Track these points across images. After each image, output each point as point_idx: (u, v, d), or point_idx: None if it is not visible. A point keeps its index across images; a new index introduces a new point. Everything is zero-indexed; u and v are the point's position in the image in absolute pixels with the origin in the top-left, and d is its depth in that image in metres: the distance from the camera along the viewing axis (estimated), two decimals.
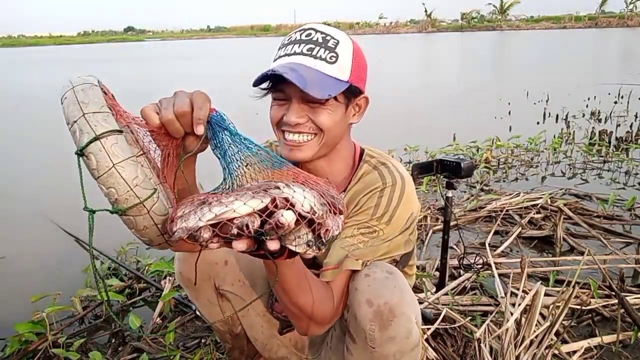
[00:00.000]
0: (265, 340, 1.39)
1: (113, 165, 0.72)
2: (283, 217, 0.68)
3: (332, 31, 1.08)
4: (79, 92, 0.76)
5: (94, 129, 0.73)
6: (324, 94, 1.01)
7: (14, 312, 2.16)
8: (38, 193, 4.17)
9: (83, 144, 0.73)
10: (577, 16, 73.54)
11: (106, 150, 0.73)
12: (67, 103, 0.75)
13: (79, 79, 0.79)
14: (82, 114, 0.73)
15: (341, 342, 1.15)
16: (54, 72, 20.41)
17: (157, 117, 0.82)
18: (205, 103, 0.82)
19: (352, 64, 1.08)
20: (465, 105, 8.22)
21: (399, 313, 0.99)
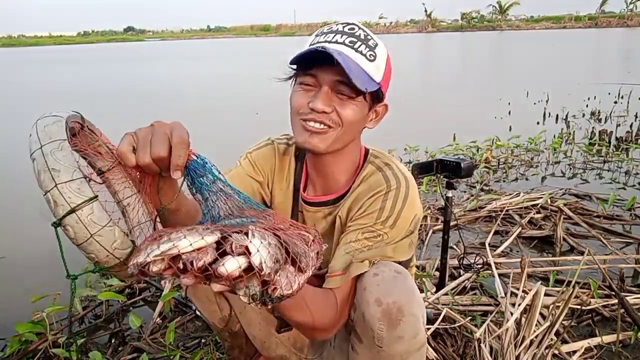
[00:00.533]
0: (264, 338, 1.38)
1: (91, 235, 0.75)
2: (223, 267, 0.67)
3: (372, 33, 1.10)
4: (47, 154, 0.74)
5: (69, 202, 0.73)
6: (363, 85, 1.01)
7: (14, 312, 2.16)
8: (38, 193, 4.16)
9: (59, 216, 0.74)
10: (577, 16, 73.60)
11: (82, 221, 0.74)
12: (38, 169, 0.74)
13: (46, 128, 0.76)
14: (54, 185, 0.73)
15: (345, 342, 1.15)
16: (54, 72, 20.43)
17: (133, 158, 0.79)
18: (184, 149, 0.79)
19: (385, 68, 1.10)
20: (465, 105, 8.22)
21: (407, 313, 0.99)
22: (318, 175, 1.21)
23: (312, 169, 1.22)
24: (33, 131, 0.76)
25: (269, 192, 1.29)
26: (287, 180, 1.28)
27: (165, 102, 9.80)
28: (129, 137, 0.80)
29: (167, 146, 0.79)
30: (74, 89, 13.08)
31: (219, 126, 7.00)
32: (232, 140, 5.25)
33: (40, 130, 0.76)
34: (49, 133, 0.76)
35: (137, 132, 0.81)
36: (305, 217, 1.25)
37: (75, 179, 0.75)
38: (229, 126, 6.87)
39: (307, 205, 1.24)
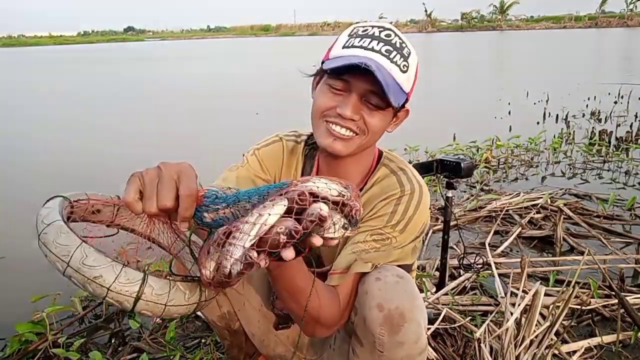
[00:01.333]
0: (263, 336, 1.37)
1: (165, 305, 0.80)
2: (322, 210, 0.69)
3: (406, 39, 1.08)
4: (80, 267, 0.75)
5: (129, 295, 0.77)
6: (395, 102, 1.01)
7: (14, 312, 2.16)
8: (38, 193, 4.16)
9: (128, 309, 0.78)
10: (577, 16, 73.60)
11: (151, 300, 0.78)
12: (82, 284, 0.76)
13: (56, 242, 0.77)
14: (106, 290, 0.75)
15: (345, 344, 1.14)
16: (54, 72, 20.43)
17: (140, 207, 0.77)
18: (191, 202, 0.77)
19: (415, 77, 1.09)
20: (465, 105, 8.22)
21: (409, 318, 0.99)
22: (330, 174, 1.20)
23: (324, 167, 1.21)
24: (47, 251, 0.77)
25: None
26: (294, 178, 1.28)
27: (166, 102, 9.80)
28: (135, 183, 0.78)
29: (173, 195, 0.77)
30: (74, 89, 13.08)
31: (219, 126, 7.00)
32: (232, 140, 5.25)
33: (53, 248, 0.76)
34: (61, 246, 0.76)
35: (143, 176, 0.78)
36: None
37: (119, 272, 0.76)
38: (228, 126, 6.87)
39: None
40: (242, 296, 1.32)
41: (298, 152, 1.27)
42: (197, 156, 4.88)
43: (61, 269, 0.75)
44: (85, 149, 5.89)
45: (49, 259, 0.77)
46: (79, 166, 5.13)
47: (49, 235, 0.77)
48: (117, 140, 6.41)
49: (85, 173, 4.81)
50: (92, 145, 6.13)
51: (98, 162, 5.23)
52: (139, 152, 5.52)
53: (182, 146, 5.78)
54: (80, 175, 4.77)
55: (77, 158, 5.50)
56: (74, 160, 5.43)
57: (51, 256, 0.76)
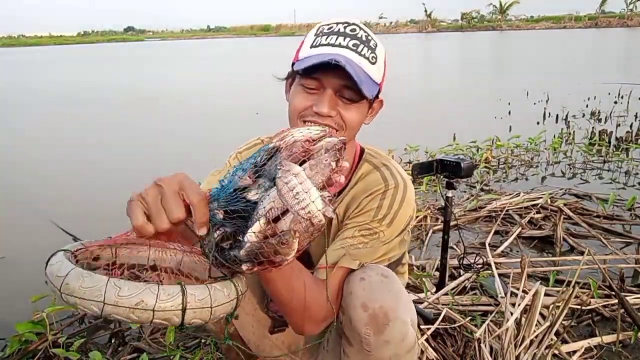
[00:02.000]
0: (258, 341, 1.38)
1: (211, 308, 0.79)
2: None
3: (371, 32, 1.09)
4: (117, 301, 0.73)
5: (175, 309, 0.75)
6: (369, 93, 1.02)
7: (14, 312, 2.16)
8: (38, 193, 4.17)
9: (178, 323, 0.77)
10: (577, 16, 73.52)
11: (197, 307, 0.78)
12: (126, 315, 0.74)
13: (82, 287, 0.74)
14: (152, 311, 0.74)
15: (338, 345, 1.15)
16: (55, 72, 20.43)
17: (151, 228, 0.76)
18: (205, 206, 0.77)
19: (384, 68, 1.10)
20: (465, 105, 8.22)
21: (393, 317, 0.99)
22: None
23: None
24: (76, 300, 0.74)
25: None
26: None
27: (167, 103, 9.80)
28: (138, 207, 0.76)
29: (182, 207, 0.76)
30: (75, 90, 13.08)
31: (219, 126, 6.99)
32: (233, 141, 5.24)
33: (82, 294, 0.74)
34: (90, 289, 0.74)
35: (144, 197, 0.76)
36: None
37: (157, 292, 0.75)
38: (228, 126, 6.87)
39: None
40: None
41: None
42: (201, 156, 4.88)
43: (98, 311, 0.73)
44: (86, 149, 5.90)
45: (81, 307, 0.74)
46: (78, 165, 5.14)
47: (71, 284, 0.74)
48: (124, 140, 6.41)
49: (86, 171, 4.82)
50: (92, 143, 6.14)
51: (99, 159, 5.23)
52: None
53: (191, 147, 5.78)
54: (80, 173, 4.77)
55: (77, 157, 5.51)
56: (73, 160, 5.43)
57: (83, 303, 0.73)
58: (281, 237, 0.73)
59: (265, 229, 0.73)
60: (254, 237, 0.73)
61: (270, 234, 0.73)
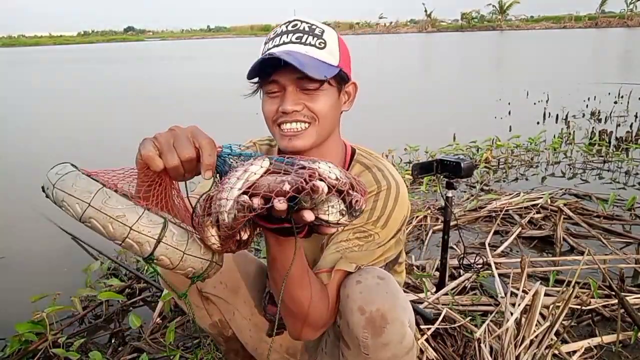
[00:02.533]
0: (255, 345, 1.38)
1: (183, 253, 0.79)
2: (318, 182, 0.71)
3: (316, 22, 1.11)
4: (102, 207, 0.74)
5: (151, 235, 0.76)
6: (320, 74, 1.02)
7: (14, 312, 2.16)
8: (38, 193, 4.16)
9: (148, 252, 0.77)
10: (577, 16, 73.51)
11: (171, 245, 0.78)
12: (102, 224, 0.74)
13: (74, 185, 0.75)
14: (129, 229, 0.74)
15: (336, 348, 1.15)
16: (53, 72, 20.43)
17: (160, 162, 0.79)
18: (213, 149, 0.81)
19: (340, 50, 1.10)
20: (465, 105, 8.22)
21: (391, 319, 0.99)
22: None
23: None
24: (64, 195, 0.75)
25: None
26: None
27: (167, 103, 9.80)
28: (150, 142, 0.80)
29: (193, 148, 0.80)
30: (74, 91, 13.08)
31: (219, 126, 6.99)
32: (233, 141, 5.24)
33: (72, 191, 0.75)
34: (82, 189, 0.75)
35: (157, 137, 0.81)
36: None
37: (141, 214, 0.76)
38: (228, 127, 6.87)
39: None
40: (232, 306, 1.33)
41: (273, 155, 1.28)
42: None
43: (80, 211, 0.74)
44: (86, 149, 5.90)
45: (65, 204, 0.74)
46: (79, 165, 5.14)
47: (66, 181, 0.76)
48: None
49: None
50: (95, 142, 6.14)
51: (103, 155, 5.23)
52: None
53: None
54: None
55: (78, 157, 5.51)
56: (74, 160, 5.43)
57: (69, 199, 0.74)
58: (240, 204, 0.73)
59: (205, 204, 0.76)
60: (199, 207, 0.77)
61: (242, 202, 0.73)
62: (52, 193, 0.76)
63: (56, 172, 0.78)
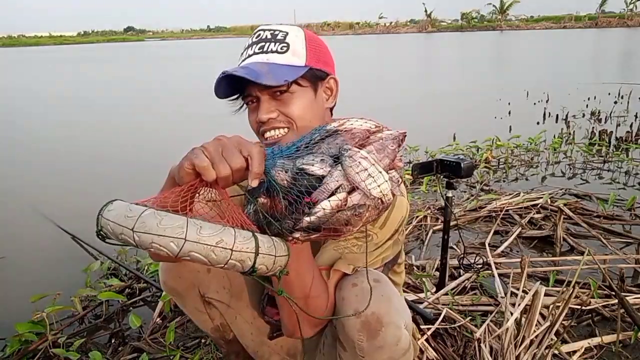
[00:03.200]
0: (256, 347, 1.38)
1: (275, 256, 0.83)
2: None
3: (280, 26, 1.11)
4: (198, 240, 0.74)
5: (250, 251, 0.78)
6: (279, 80, 1.03)
7: (14, 312, 2.16)
8: (38, 193, 4.17)
9: (249, 267, 0.79)
10: (577, 16, 73.49)
11: (268, 253, 0.81)
12: (204, 254, 0.74)
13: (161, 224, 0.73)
14: (230, 250, 0.76)
15: (333, 349, 1.15)
16: (53, 71, 20.42)
17: (214, 172, 0.81)
18: (262, 158, 0.83)
19: (307, 48, 1.10)
20: (465, 105, 8.22)
21: (386, 322, 0.99)
22: None
23: None
24: (152, 237, 0.73)
25: None
26: None
27: (168, 104, 9.80)
28: (202, 152, 0.81)
29: (242, 157, 0.82)
30: (75, 90, 13.08)
31: (218, 126, 7.00)
32: None
33: (161, 231, 0.73)
34: (171, 226, 0.74)
35: (207, 147, 0.82)
36: None
37: (234, 233, 0.78)
38: (228, 127, 6.87)
39: None
40: (234, 310, 1.33)
41: None
42: None
43: (177, 248, 0.73)
44: (86, 148, 5.90)
45: (156, 245, 0.73)
46: (79, 164, 5.14)
47: (148, 222, 0.73)
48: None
49: (86, 170, 4.82)
50: (98, 141, 6.14)
51: (109, 159, 5.23)
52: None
53: None
54: (80, 173, 4.77)
55: (77, 156, 5.51)
56: (74, 160, 5.43)
57: (161, 240, 0.72)
58: (356, 210, 0.82)
59: (342, 202, 0.81)
60: (329, 207, 0.81)
61: (343, 206, 0.81)
62: (131, 238, 0.73)
63: (126, 215, 0.75)
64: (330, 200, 0.81)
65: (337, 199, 0.81)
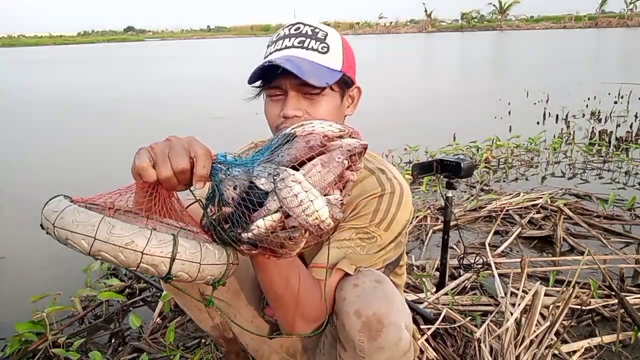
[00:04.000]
0: (256, 347, 1.38)
1: (200, 263, 0.79)
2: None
3: (319, 24, 1.10)
4: (108, 238, 0.73)
5: (164, 255, 0.75)
6: (321, 82, 1.02)
7: (14, 312, 2.16)
8: (38, 193, 4.16)
9: (164, 272, 0.76)
10: (577, 16, 73.47)
11: (187, 259, 0.77)
12: (113, 255, 0.74)
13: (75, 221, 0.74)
14: (140, 254, 0.74)
15: (333, 349, 1.15)
16: (53, 72, 20.43)
17: (153, 173, 0.78)
18: (208, 160, 0.80)
19: (343, 54, 1.09)
20: (465, 105, 8.22)
21: (387, 323, 0.99)
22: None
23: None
24: (67, 233, 0.74)
25: None
26: None
27: (168, 104, 9.80)
28: (145, 152, 0.79)
29: (187, 159, 0.79)
30: (74, 91, 13.08)
31: (219, 127, 6.99)
32: (233, 141, 5.24)
33: (74, 227, 0.74)
34: (84, 223, 0.74)
35: (153, 147, 0.80)
36: None
37: (149, 236, 0.75)
38: (228, 127, 6.87)
39: None
40: (234, 308, 1.33)
41: None
42: None
43: (87, 246, 0.73)
44: (86, 148, 5.90)
45: (70, 242, 0.74)
46: (79, 164, 5.14)
47: (65, 219, 0.75)
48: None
49: (86, 170, 4.82)
50: (94, 147, 6.15)
51: (104, 163, 5.23)
52: None
53: None
54: (80, 172, 4.77)
55: (78, 156, 5.51)
56: (73, 160, 5.43)
57: (74, 236, 0.73)
58: (290, 234, 0.76)
59: (277, 223, 0.76)
60: (263, 227, 0.76)
61: (280, 227, 0.76)
62: (53, 232, 0.75)
63: (53, 210, 0.77)
64: (265, 219, 0.76)
65: (271, 220, 0.76)
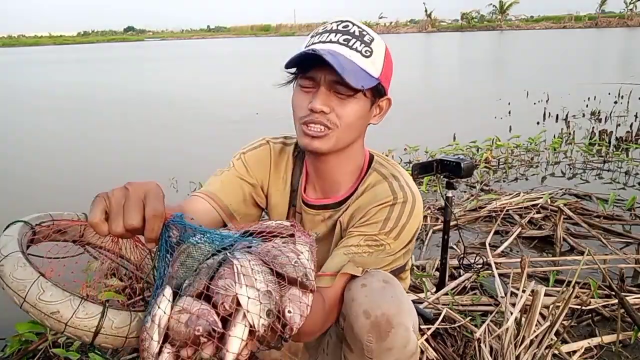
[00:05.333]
0: None
1: (126, 337, 0.78)
2: (229, 351, 0.71)
3: (367, 28, 1.09)
4: (36, 303, 0.73)
5: (88, 330, 0.75)
6: (357, 83, 1.00)
7: (14, 312, 2.15)
8: (37, 192, 4.17)
9: (89, 343, 0.76)
10: (577, 16, 73.44)
11: (111, 334, 0.77)
12: (40, 318, 0.74)
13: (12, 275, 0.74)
14: (64, 325, 0.74)
15: (338, 349, 1.14)
16: (53, 71, 20.43)
17: (105, 228, 0.77)
18: (157, 222, 0.77)
19: (384, 62, 1.08)
20: (465, 105, 8.22)
21: (396, 324, 0.98)
22: (318, 176, 1.19)
23: (312, 169, 1.20)
24: (3, 284, 0.74)
25: (264, 195, 1.27)
26: (284, 181, 1.26)
27: (167, 105, 9.80)
28: (101, 204, 0.77)
29: (140, 216, 0.76)
30: (72, 92, 13.08)
31: (219, 127, 6.99)
32: (233, 142, 5.25)
33: (9, 282, 0.73)
34: (18, 280, 0.74)
35: (109, 196, 0.78)
36: (304, 219, 1.23)
37: (77, 307, 0.75)
38: (229, 126, 6.87)
39: (307, 208, 1.22)
40: None
41: (287, 154, 1.26)
42: (204, 156, 4.87)
43: (18, 303, 0.74)
44: (86, 148, 5.90)
45: (6, 292, 0.74)
46: (79, 164, 5.13)
47: (5, 268, 0.74)
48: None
49: (86, 170, 4.82)
50: (91, 149, 6.14)
51: (97, 167, 5.23)
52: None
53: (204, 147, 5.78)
54: (79, 172, 4.77)
55: (77, 157, 5.51)
56: (73, 160, 5.43)
57: (8, 290, 0.74)
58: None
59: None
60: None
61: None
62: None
63: (0, 251, 0.77)
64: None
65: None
